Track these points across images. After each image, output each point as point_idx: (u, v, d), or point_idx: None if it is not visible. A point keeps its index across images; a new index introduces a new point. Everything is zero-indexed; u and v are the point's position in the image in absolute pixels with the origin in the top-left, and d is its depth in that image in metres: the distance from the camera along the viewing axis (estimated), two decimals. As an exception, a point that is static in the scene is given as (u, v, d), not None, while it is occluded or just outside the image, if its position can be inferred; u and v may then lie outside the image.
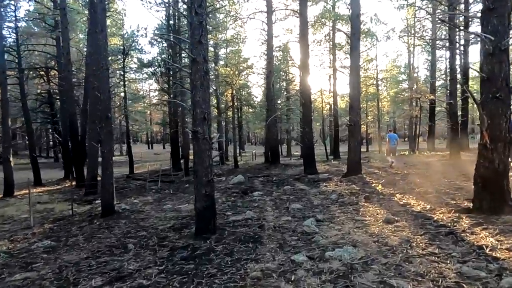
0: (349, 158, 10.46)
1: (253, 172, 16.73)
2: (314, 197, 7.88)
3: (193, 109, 5.05)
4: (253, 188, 10.41)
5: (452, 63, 13.30)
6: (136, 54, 25.12)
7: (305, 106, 12.59)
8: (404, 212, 5.41)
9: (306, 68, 12.86)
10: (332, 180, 10.49)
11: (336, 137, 25.15)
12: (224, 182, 12.65)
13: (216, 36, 24.29)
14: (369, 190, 8.06)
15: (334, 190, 8.39)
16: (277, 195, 8.67)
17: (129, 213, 7.78)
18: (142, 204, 9.24)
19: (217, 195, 9.43)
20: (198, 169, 5.01)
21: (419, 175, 9.91)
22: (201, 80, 4.98)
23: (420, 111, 25.49)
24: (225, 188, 10.81)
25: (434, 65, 24.67)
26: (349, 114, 10.39)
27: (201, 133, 4.95)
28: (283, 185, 10.61)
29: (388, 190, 7.88)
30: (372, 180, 9.53)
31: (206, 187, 5.01)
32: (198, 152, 5.00)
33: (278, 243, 4.42)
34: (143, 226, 6.33)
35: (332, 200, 7.30)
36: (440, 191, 7.09)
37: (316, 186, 9.69)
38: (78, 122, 16.18)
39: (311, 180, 11.03)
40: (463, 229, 4.07)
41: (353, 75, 10.06)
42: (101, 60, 7.16)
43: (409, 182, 8.83)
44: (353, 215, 5.65)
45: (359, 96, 10.84)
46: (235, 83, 21.15)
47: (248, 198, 8.58)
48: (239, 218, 6.22)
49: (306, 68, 12.86)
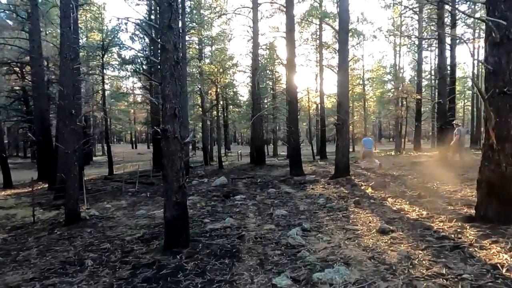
0: (337, 159, 9.96)
1: (237, 173, 16.11)
2: (300, 202, 7.31)
3: (162, 104, 4.40)
4: (236, 191, 9.79)
5: (441, 61, 12.99)
6: (118, 51, 24.08)
7: (291, 105, 12.05)
8: (399, 220, 4.89)
9: (293, 66, 12.34)
10: (319, 182, 9.97)
11: (323, 137, 24.76)
12: (206, 184, 11.98)
13: (200, 33, 23.54)
14: (358, 194, 7.56)
15: (322, 194, 7.84)
16: (260, 199, 8.07)
17: (97, 220, 7.04)
18: (115, 209, 8.49)
19: (197, 198, 8.79)
20: (167, 173, 4.36)
21: (410, 177, 9.49)
22: (171, 70, 4.33)
23: (406, 111, 25.36)
24: (206, 191, 10.16)
25: (420, 65, 24.60)
26: (337, 113, 9.89)
27: (171, 132, 4.31)
28: (268, 187, 10.03)
29: (379, 193, 7.39)
30: (361, 182, 9.04)
31: (177, 194, 4.36)
32: (167, 153, 4.35)
33: (258, 259, 3.82)
34: (109, 236, 5.63)
35: (319, 205, 6.75)
36: (434, 195, 6.63)
37: (303, 188, 9.14)
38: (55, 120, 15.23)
39: (297, 182, 10.49)
40: (470, 242, 3.55)
41: (342, 72, 9.56)
42: (64, 50, 6.41)
43: (400, 185, 8.39)
44: (343, 223, 5.10)
45: (348, 94, 10.37)
46: (220, 81, 20.45)
47: (229, 202, 7.95)
48: (218, 226, 5.59)
49: (292, 66, 12.33)
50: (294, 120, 12.00)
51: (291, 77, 12.40)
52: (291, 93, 12.07)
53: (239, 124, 44.31)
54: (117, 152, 51.72)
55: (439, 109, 13.08)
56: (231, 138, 78.80)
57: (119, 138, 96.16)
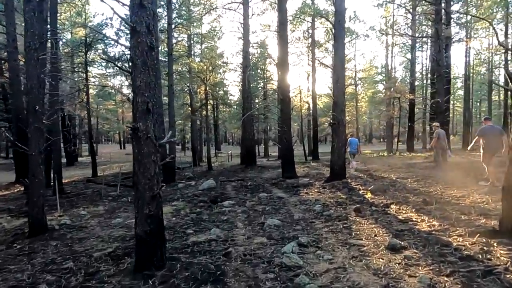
0: (333, 161, 9.34)
1: (227, 175, 15.41)
2: (294, 208, 6.65)
3: (133, 97, 3.69)
4: (225, 195, 9.09)
5: (439, 59, 12.50)
6: (104, 48, 23.12)
7: (284, 103, 11.40)
8: (409, 233, 4.27)
9: (285, 62, 11.71)
10: (313, 185, 9.33)
11: (315, 137, 24.22)
12: (193, 188, 11.25)
13: (189, 29, 22.76)
14: (357, 200, 6.94)
15: (318, 199, 7.19)
16: (251, 205, 7.39)
17: (66, 231, 6.26)
18: (90, 216, 7.70)
19: (181, 204, 8.06)
20: (138, 180, 3.64)
21: (409, 180, 8.94)
22: (144, 57, 3.62)
23: (399, 111, 24.99)
24: (192, 195, 9.43)
25: (413, 64, 24.26)
26: (333, 112, 9.28)
27: (142, 131, 3.59)
28: (259, 191, 9.35)
29: (380, 199, 6.79)
30: (359, 186, 8.43)
31: (150, 205, 3.65)
32: (139, 156, 3.63)
33: (247, 285, 3.14)
34: (76, 251, 4.88)
35: (316, 212, 6.10)
36: (440, 201, 6.05)
37: (296, 193, 8.48)
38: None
39: (290, 185, 9.84)
40: (505, 265, 2.93)
41: (338, 67, 8.96)
42: (27, 39, 5.64)
43: (401, 189, 7.81)
44: (344, 235, 4.45)
45: (344, 92, 9.77)
46: (209, 79, 19.71)
47: (217, 209, 7.24)
48: (202, 238, 4.91)
49: (285, 62, 11.70)
50: (287, 119, 11.36)
51: (283, 74, 11.74)
52: (284, 91, 11.43)
53: (230, 124, 43.60)
54: (104, 152, 50.48)
55: (436, 109, 12.60)
56: (222, 139, 78.01)
57: (107, 138, 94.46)
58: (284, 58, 11.80)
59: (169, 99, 12.86)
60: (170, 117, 12.91)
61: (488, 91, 34.87)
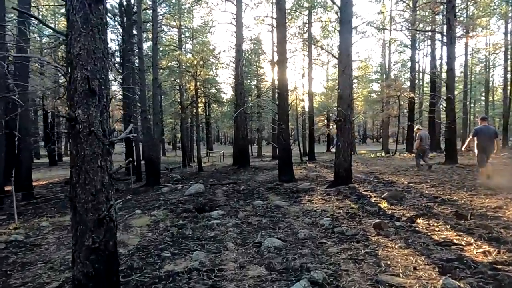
0: (337, 163, 8.20)
1: (218, 177, 14.20)
2: (297, 222, 5.48)
3: (69, 73, 2.47)
4: (214, 202, 7.89)
5: (450, 52, 11.44)
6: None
7: (281, 98, 10.23)
8: (461, 265, 3.12)
9: (283, 50, 10.53)
10: (315, 191, 8.17)
11: (311, 136, 23.10)
12: (179, 192, 10.02)
13: (179, 20, 21.45)
14: (372, 210, 5.80)
15: (324, 210, 6.03)
16: (244, 215, 6.20)
17: (12, 251, 5.00)
18: (51, 229, 6.45)
19: (162, 214, 6.85)
20: (77, 196, 2.44)
21: (424, 185, 7.85)
22: (86, 10, 2.41)
23: (399, 110, 24.02)
24: (176, 202, 8.21)
25: (413, 61, 23.25)
26: (338, 107, 8.12)
27: (83, 122, 2.39)
28: (253, 197, 8.17)
29: (399, 209, 5.66)
30: (369, 193, 7.29)
31: (95, 233, 2.45)
32: (77, 160, 2.43)
33: None
34: (7, 286, 3.64)
35: (325, 228, 4.93)
36: (475, 214, 4.94)
37: (297, 200, 7.32)
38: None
39: (289, 190, 8.68)
40: None
41: (344, 55, 7.81)
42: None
43: (418, 196, 6.71)
44: (372, 267, 3.29)
45: (352, 83, 8.65)
46: (200, 75, 18.45)
47: (203, 220, 6.04)
48: (180, 267, 3.73)
49: (283, 50, 10.51)
50: (285, 115, 10.17)
51: (282, 66, 10.50)
52: (281, 84, 10.25)
53: (222, 123, 42.38)
54: (92, 151, 48.82)
55: (448, 106, 11.54)
56: (214, 138, 76.71)
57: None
58: (282, 45, 10.58)
59: (153, 93, 11.58)
60: (154, 113, 11.64)
61: (485, 91, 34.23)
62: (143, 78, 12.38)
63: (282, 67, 10.43)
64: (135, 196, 10.03)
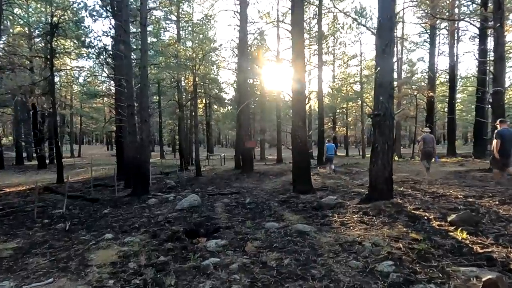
0: (374, 172, 6.25)
1: (218, 184, 12.29)
2: (338, 266, 3.53)
3: None
4: (211, 222, 5.96)
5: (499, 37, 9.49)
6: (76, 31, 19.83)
7: (297, 92, 8.28)
8: None
9: (301, 31, 8.62)
10: (345, 207, 6.21)
11: (321, 138, 21.16)
12: (169, 205, 8.08)
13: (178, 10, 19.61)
14: (447, 244, 3.86)
15: (375, 244, 4.03)
16: (255, 249, 4.24)
17: None
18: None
19: (139, 240, 4.93)
20: None
21: (491, 202, 5.90)
22: None
23: (416, 110, 22.05)
24: (163, 221, 6.27)
25: (433, 56, 21.29)
26: (375, 99, 6.21)
27: None
28: (263, 215, 6.24)
29: (489, 244, 3.73)
30: (422, 213, 5.34)
31: None
32: None
33: None
34: None
35: (391, 283, 2.99)
36: None
37: (325, 222, 5.35)
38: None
39: (309, 205, 6.75)
40: None
41: (385, 27, 5.88)
42: None
43: (496, 219, 4.78)
44: None
45: (393, 69, 6.75)
46: (198, 69, 16.56)
47: (194, 257, 4.08)
48: None
49: (300, 31, 8.60)
50: (301, 111, 8.22)
51: (298, 47, 8.47)
52: (298, 73, 8.30)
53: (224, 125, 40.55)
54: (89, 154, 47.03)
55: (495, 101, 9.62)
56: (215, 140, 74.93)
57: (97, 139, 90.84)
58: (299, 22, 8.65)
59: (142, 85, 9.62)
60: (142, 109, 9.68)
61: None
62: (129, 66, 10.49)
63: (297, 43, 8.41)
64: (115, 210, 8.09)
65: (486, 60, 16.71)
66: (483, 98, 17.46)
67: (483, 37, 17.09)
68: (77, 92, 42.93)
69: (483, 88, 16.89)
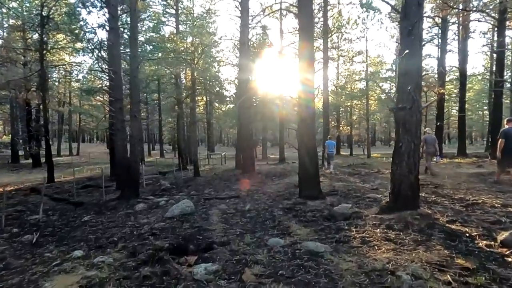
0: (397, 175, 5.27)
1: (217, 186, 11.34)
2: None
3: None
4: (204, 235, 5.01)
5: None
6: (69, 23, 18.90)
7: (305, 83, 7.31)
8: None
9: (309, 14, 7.63)
10: (363, 218, 5.23)
11: (326, 137, 20.14)
12: (159, 212, 7.13)
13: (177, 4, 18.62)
14: (504, 277, 2.89)
15: (417, 276, 3.06)
16: (254, 278, 3.26)
17: None
18: None
19: (112, 261, 3.97)
20: None
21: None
22: None
23: (426, 109, 21.02)
24: (147, 233, 5.32)
25: (444, 52, 20.20)
26: (399, 91, 5.24)
27: None
28: (266, 228, 5.28)
29: None
30: (461, 228, 4.37)
31: None
32: None
33: None
34: None
35: None
36: None
37: (341, 239, 4.38)
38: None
39: (319, 214, 5.78)
40: None
41: (412, 5, 4.92)
42: None
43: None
44: None
45: (421, 58, 5.77)
46: (197, 63, 15.60)
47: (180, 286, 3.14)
48: None
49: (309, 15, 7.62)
50: (310, 107, 7.25)
51: (306, 31, 7.43)
52: (305, 62, 7.32)
53: (224, 123, 39.62)
54: (87, 152, 46.20)
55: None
56: (216, 139, 74.00)
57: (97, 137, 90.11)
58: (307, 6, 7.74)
59: (131, 76, 8.62)
60: (132, 103, 8.67)
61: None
62: (117, 55, 9.53)
63: (306, 30, 7.45)
64: (96, 216, 7.15)
65: (504, 50, 15.65)
66: (499, 95, 16.41)
67: (501, 29, 16.02)
68: (75, 89, 42.08)
69: (503, 80, 15.84)
